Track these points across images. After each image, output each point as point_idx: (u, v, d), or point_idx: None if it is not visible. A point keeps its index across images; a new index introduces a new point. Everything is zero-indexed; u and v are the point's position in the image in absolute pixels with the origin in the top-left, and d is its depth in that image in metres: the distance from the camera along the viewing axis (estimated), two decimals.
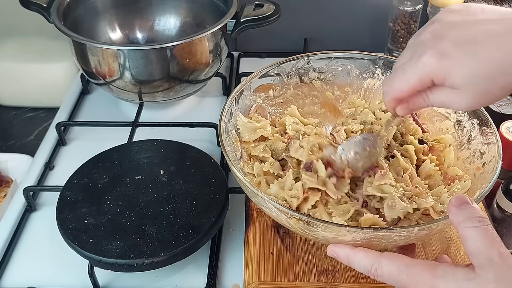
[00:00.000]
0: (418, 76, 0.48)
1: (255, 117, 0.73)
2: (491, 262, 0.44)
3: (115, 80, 0.86)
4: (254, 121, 0.72)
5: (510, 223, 0.75)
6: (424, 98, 0.51)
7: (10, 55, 1.11)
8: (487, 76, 0.45)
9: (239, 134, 0.70)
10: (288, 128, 0.71)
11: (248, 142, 0.70)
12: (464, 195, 0.49)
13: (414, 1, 1.01)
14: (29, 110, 1.14)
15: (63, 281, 0.68)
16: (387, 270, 0.49)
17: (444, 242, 0.66)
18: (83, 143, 0.90)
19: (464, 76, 0.45)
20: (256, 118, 0.72)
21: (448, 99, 0.48)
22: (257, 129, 0.70)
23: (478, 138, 0.66)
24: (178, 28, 1.03)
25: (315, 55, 0.76)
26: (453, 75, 0.46)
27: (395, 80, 0.50)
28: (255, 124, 0.71)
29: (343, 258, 0.54)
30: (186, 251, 0.64)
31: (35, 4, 0.91)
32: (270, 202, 0.55)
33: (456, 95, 0.47)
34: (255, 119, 0.72)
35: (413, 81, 0.48)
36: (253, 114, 0.73)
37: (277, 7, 0.91)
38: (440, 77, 0.46)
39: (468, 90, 0.46)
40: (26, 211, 0.77)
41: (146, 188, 0.71)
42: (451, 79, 0.46)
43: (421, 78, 0.48)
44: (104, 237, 0.64)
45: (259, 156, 0.68)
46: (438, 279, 0.46)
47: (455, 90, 0.47)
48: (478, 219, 0.46)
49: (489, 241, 0.45)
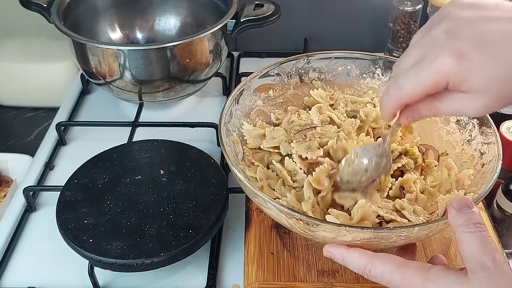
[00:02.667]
0: (433, 79, 0.43)
1: (260, 124, 0.73)
2: (483, 267, 0.44)
3: (115, 80, 0.86)
4: (259, 127, 0.72)
5: (510, 223, 0.75)
6: (429, 106, 0.47)
7: (10, 55, 1.11)
8: (506, 80, 0.42)
9: (246, 141, 0.70)
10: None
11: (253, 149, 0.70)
12: (466, 198, 0.49)
13: (414, 1, 1.01)
14: (29, 110, 1.14)
15: (63, 281, 0.68)
16: (380, 271, 0.50)
17: (444, 242, 0.66)
18: (83, 143, 0.90)
19: (483, 80, 0.42)
20: (260, 124, 0.73)
21: (462, 105, 0.44)
22: (262, 135, 0.70)
23: (478, 138, 0.66)
24: (178, 28, 1.03)
25: (315, 55, 0.76)
26: (472, 79, 0.42)
27: (406, 82, 0.45)
28: (260, 131, 0.71)
29: (338, 258, 0.54)
30: (186, 251, 0.64)
31: (35, 4, 0.91)
32: (270, 202, 0.55)
33: (471, 100, 0.43)
34: (259, 126, 0.72)
35: (427, 84, 0.44)
36: (254, 118, 0.73)
37: (277, 7, 0.91)
38: (457, 80, 0.42)
39: (485, 94, 0.43)
40: (26, 211, 0.77)
41: (146, 188, 0.71)
42: (469, 82, 0.42)
43: (436, 81, 0.43)
44: (104, 237, 0.64)
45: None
46: (430, 281, 0.47)
47: (470, 94, 0.43)
48: (476, 225, 0.46)
49: (483, 246, 0.45)
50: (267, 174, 0.66)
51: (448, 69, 0.42)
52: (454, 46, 0.42)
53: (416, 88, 0.45)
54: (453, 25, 0.43)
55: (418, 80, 0.44)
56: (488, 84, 0.42)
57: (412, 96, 0.45)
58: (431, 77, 0.43)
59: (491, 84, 0.42)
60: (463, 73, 0.42)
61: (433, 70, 0.43)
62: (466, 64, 0.42)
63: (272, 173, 0.66)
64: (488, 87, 0.42)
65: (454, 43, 0.42)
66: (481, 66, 0.42)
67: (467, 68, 0.42)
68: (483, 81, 0.42)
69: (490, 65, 0.42)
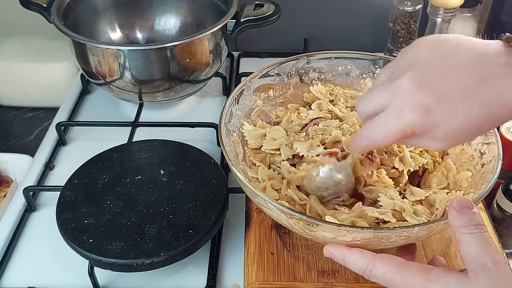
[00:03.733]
0: (401, 131, 0.47)
1: (260, 124, 0.73)
2: (484, 268, 0.45)
3: (115, 80, 0.86)
4: (259, 127, 0.72)
5: (510, 223, 0.75)
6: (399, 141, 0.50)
7: (10, 55, 1.11)
8: (466, 130, 0.46)
9: (246, 141, 0.70)
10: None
11: (254, 149, 0.70)
12: (467, 199, 0.49)
13: (414, 1, 1.01)
14: (29, 110, 1.14)
15: (63, 281, 0.68)
16: (380, 271, 0.50)
17: (444, 242, 0.66)
18: (83, 143, 0.90)
19: (447, 131, 0.46)
20: (261, 124, 0.73)
21: (427, 144, 0.49)
22: (263, 135, 0.71)
23: (478, 138, 0.66)
24: (178, 28, 1.03)
25: (315, 55, 0.76)
26: (436, 131, 0.46)
27: (376, 134, 0.49)
28: (260, 131, 0.71)
29: (338, 258, 0.54)
30: (186, 251, 0.64)
31: (35, 4, 0.91)
32: (270, 202, 0.55)
33: (435, 142, 0.48)
34: (259, 126, 0.72)
35: (395, 136, 0.47)
36: (255, 118, 0.73)
37: (277, 7, 0.91)
38: (423, 131, 0.46)
39: (447, 140, 0.47)
40: (26, 211, 0.77)
41: (146, 188, 0.71)
42: (433, 132, 0.46)
43: (404, 133, 0.47)
44: (104, 237, 0.64)
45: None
46: (430, 282, 0.47)
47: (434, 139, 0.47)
48: (476, 226, 0.46)
49: (484, 247, 0.45)
50: (270, 174, 0.66)
51: (415, 123, 0.46)
52: (420, 101, 0.45)
53: (386, 139, 0.49)
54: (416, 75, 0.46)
55: (387, 133, 0.48)
56: (450, 134, 0.46)
57: (383, 143, 0.50)
58: (399, 130, 0.47)
59: (453, 134, 0.46)
60: (428, 126, 0.46)
61: (401, 124, 0.46)
62: (431, 118, 0.45)
63: (274, 173, 0.66)
64: (450, 136, 0.47)
65: (419, 97, 0.45)
66: (445, 120, 0.45)
67: (432, 123, 0.46)
68: (446, 132, 0.46)
69: (452, 119, 0.45)
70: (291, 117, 0.72)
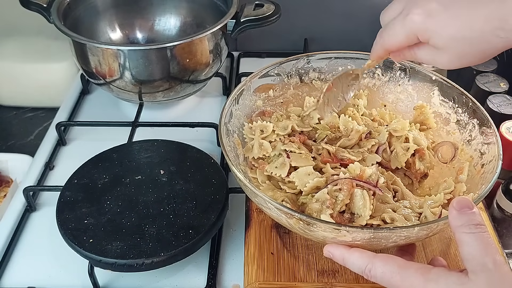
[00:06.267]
0: (405, 33, 0.50)
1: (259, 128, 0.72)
2: (484, 268, 0.45)
3: (115, 80, 0.86)
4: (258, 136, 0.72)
5: (510, 223, 0.75)
6: (411, 52, 0.53)
7: (10, 55, 1.11)
8: (467, 41, 0.47)
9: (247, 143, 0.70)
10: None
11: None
12: (467, 199, 0.49)
13: None
14: (29, 110, 1.14)
15: (63, 281, 0.68)
16: (380, 271, 0.50)
17: (444, 242, 0.66)
18: (83, 143, 0.90)
19: (446, 37, 0.47)
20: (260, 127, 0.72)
21: (432, 56, 0.51)
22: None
23: (478, 138, 0.66)
24: (178, 28, 1.03)
25: (315, 55, 0.76)
26: (436, 36, 0.48)
27: (385, 35, 0.53)
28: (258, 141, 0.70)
29: (338, 258, 0.54)
30: (186, 251, 0.64)
31: (35, 4, 0.91)
32: (270, 202, 0.55)
33: (438, 54, 0.49)
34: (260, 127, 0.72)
35: (400, 37, 0.51)
36: (256, 120, 0.73)
37: (277, 7, 0.91)
38: (424, 36, 0.49)
39: (448, 51, 0.48)
40: (26, 211, 0.77)
41: (146, 188, 0.71)
42: (433, 39, 0.48)
43: (407, 35, 0.50)
44: (104, 237, 0.64)
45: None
46: (430, 282, 0.47)
47: (436, 49, 0.49)
48: (476, 226, 0.46)
49: (484, 248, 0.45)
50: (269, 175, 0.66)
51: (416, 26, 0.49)
52: (427, 6, 0.47)
53: (393, 41, 0.52)
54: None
55: (394, 33, 0.52)
56: (450, 42, 0.47)
57: (391, 46, 0.53)
58: (402, 32, 0.50)
59: (451, 43, 0.47)
60: (428, 31, 0.48)
61: (404, 25, 0.50)
62: (431, 22, 0.47)
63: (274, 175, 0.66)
64: (448, 45, 0.48)
65: (426, 3, 0.48)
66: (443, 26, 0.47)
67: (431, 27, 0.47)
68: (444, 40, 0.47)
69: (451, 25, 0.46)
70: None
